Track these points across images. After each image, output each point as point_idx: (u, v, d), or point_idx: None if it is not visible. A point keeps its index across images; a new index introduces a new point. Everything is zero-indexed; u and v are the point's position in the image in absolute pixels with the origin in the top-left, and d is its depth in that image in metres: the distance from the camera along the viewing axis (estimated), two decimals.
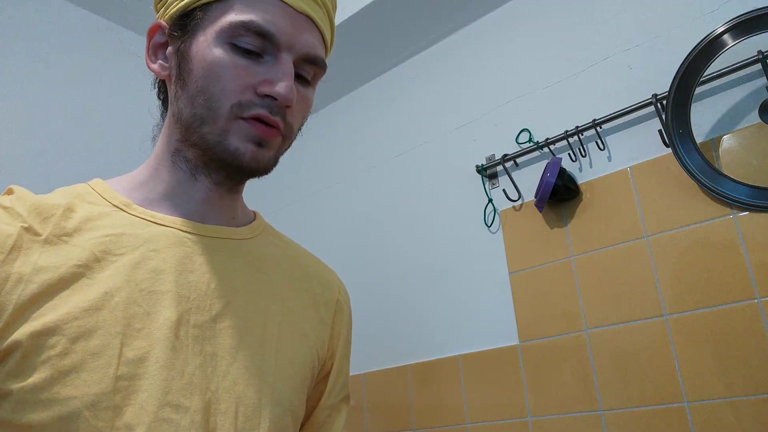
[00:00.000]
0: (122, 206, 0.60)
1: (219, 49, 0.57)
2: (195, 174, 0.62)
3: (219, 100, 0.57)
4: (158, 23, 0.63)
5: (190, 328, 0.55)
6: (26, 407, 0.48)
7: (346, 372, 0.73)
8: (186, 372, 0.53)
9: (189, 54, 0.59)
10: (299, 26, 0.60)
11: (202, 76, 0.58)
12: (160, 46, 0.63)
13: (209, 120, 0.58)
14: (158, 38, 0.63)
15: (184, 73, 0.60)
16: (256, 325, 0.60)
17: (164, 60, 0.63)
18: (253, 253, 0.65)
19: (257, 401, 0.57)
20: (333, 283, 0.74)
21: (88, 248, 0.54)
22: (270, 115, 0.58)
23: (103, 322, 0.51)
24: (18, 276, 0.50)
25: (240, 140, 0.58)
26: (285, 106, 0.59)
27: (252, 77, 0.58)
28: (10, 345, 0.49)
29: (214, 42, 0.58)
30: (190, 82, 0.59)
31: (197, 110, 0.58)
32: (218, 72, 0.57)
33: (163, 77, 0.64)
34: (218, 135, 0.58)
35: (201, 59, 0.58)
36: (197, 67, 0.58)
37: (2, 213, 0.54)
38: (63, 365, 0.48)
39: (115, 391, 0.49)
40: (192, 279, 0.58)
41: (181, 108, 0.60)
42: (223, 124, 0.58)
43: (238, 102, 0.57)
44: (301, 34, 0.60)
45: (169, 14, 0.61)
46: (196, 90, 0.58)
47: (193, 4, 0.59)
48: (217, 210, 0.64)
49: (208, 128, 0.58)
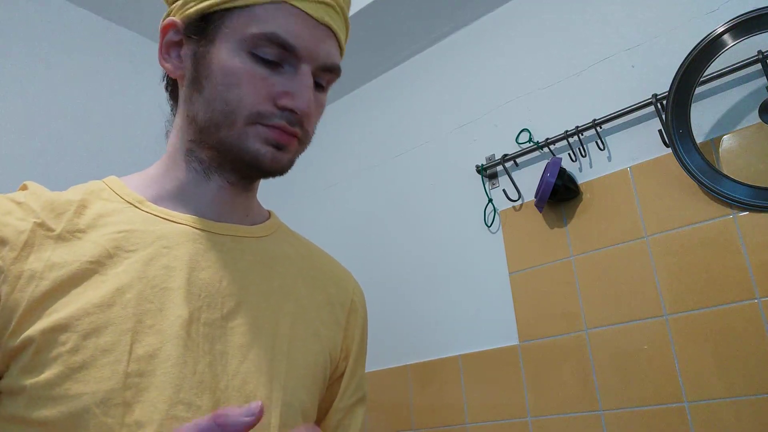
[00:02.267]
0: (135, 203, 0.60)
1: (239, 58, 0.57)
2: (208, 173, 0.62)
3: (237, 108, 0.57)
4: (172, 21, 0.61)
5: (201, 326, 0.55)
6: (38, 403, 0.48)
7: (360, 373, 0.72)
8: (197, 370, 0.53)
9: (207, 60, 0.59)
10: (320, 37, 0.60)
11: (221, 83, 0.58)
12: (174, 44, 0.62)
13: (226, 125, 0.58)
14: (172, 36, 0.62)
15: (201, 78, 0.59)
16: (268, 324, 0.60)
17: (177, 59, 0.62)
18: (266, 252, 0.65)
19: (267, 401, 0.56)
20: (348, 284, 0.74)
21: (101, 244, 0.54)
22: (288, 126, 0.58)
23: (114, 318, 0.51)
24: (31, 273, 0.51)
25: (259, 143, 0.58)
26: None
27: (271, 87, 0.58)
28: (23, 341, 0.49)
29: (235, 51, 0.57)
30: (207, 87, 0.59)
31: (214, 115, 0.58)
32: (238, 81, 0.57)
33: (176, 77, 0.63)
34: (236, 138, 0.58)
35: (221, 67, 0.58)
36: (216, 74, 0.58)
37: (16, 208, 0.54)
38: (74, 361, 0.49)
39: (125, 388, 0.49)
40: (204, 276, 0.58)
41: (197, 111, 0.60)
42: (240, 127, 0.58)
43: (257, 111, 0.57)
44: (321, 45, 0.60)
45: (186, 14, 0.60)
46: (213, 96, 0.58)
47: (212, 8, 0.58)
48: (230, 208, 0.64)
49: (225, 132, 0.58)
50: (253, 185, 0.67)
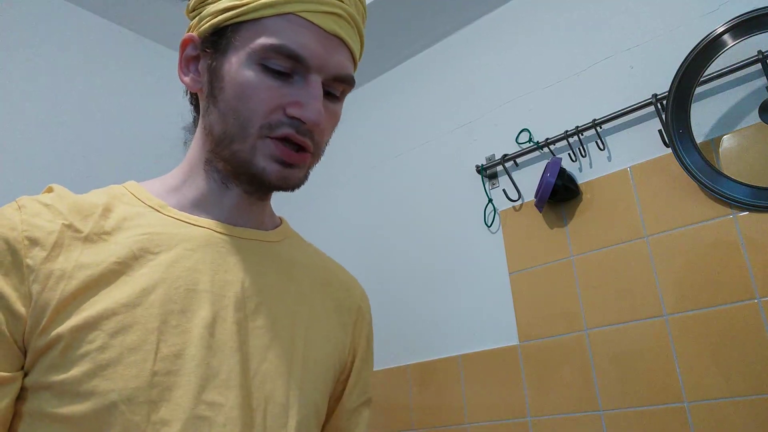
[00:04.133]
0: (158, 207, 0.61)
1: (250, 70, 0.58)
2: (227, 183, 0.64)
3: (249, 120, 0.58)
4: (191, 37, 0.63)
5: (225, 327, 0.56)
6: (66, 399, 0.49)
7: (365, 376, 0.74)
8: (222, 370, 0.54)
9: (220, 73, 0.60)
10: (330, 48, 0.60)
11: (234, 96, 0.59)
12: (192, 59, 0.64)
13: (239, 138, 0.59)
14: (190, 51, 0.64)
15: (215, 91, 0.61)
16: (285, 326, 0.62)
17: (196, 74, 0.64)
18: (282, 257, 0.67)
19: (285, 401, 0.58)
20: (355, 290, 0.76)
21: (127, 246, 0.56)
22: (297, 134, 0.59)
23: (140, 317, 0.52)
24: (61, 272, 0.52)
25: (266, 160, 0.59)
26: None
27: (281, 98, 0.58)
28: (52, 339, 0.50)
29: (245, 63, 0.58)
30: (221, 100, 0.60)
31: (228, 128, 0.59)
32: (249, 93, 0.58)
33: (196, 90, 0.65)
34: (247, 153, 0.59)
35: (232, 79, 0.59)
36: (228, 87, 0.59)
37: (44, 210, 0.55)
38: (102, 359, 0.50)
39: (151, 386, 0.51)
40: (227, 278, 0.59)
41: (213, 123, 0.61)
42: (251, 142, 0.59)
43: (267, 123, 0.58)
44: (332, 56, 0.60)
45: (202, 29, 0.62)
46: (227, 108, 0.59)
47: (224, 23, 0.60)
48: (247, 215, 0.66)
49: (237, 146, 0.59)
50: (269, 195, 0.68)
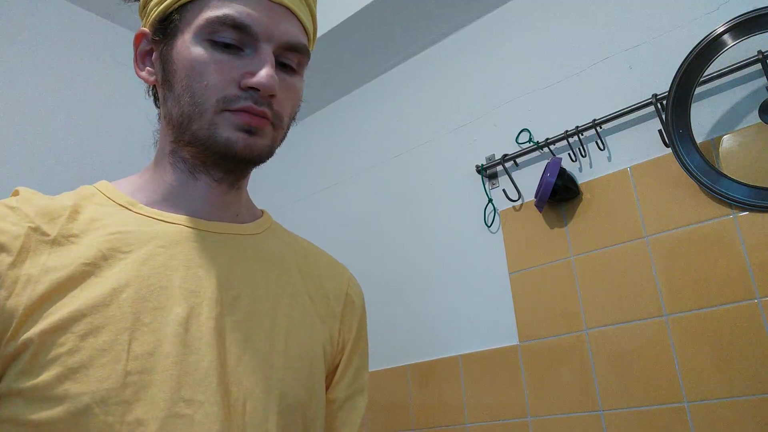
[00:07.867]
0: (128, 205, 0.60)
1: (198, 47, 0.58)
2: (194, 173, 0.63)
3: (204, 96, 0.58)
4: (142, 31, 0.64)
5: (201, 323, 0.55)
6: (37, 405, 0.48)
7: (357, 365, 0.72)
8: (199, 367, 0.53)
9: (171, 56, 0.60)
10: (277, 16, 0.60)
11: (186, 76, 0.59)
12: (146, 53, 0.65)
13: (196, 116, 0.58)
14: (144, 46, 0.65)
15: (168, 75, 0.61)
16: (265, 319, 0.61)
17: (151, 66, 0.64)
18: (260, 248, 0.66)
19: (265, 395, 0.57)
20: (342, 276, 0.74)
21: (95, 246, 0.55)
22: (255, 106, 0.58)
23: (111, 318, 0.51)
24: (27, 277, 0.51)
25: (229, 130, 0.58)
26: (269, 95, 0.59)
27: (234, 71, 0.58)
28: (21, 345, 0.49)
29: (193, 41, 0.59)
30: (175, 83, 0.60)
31: (184, 109, 0.59)
32: (200, 69, 0.58)
33: (152, 83, 0.65)
34: (207, 129, 0.58)
35: (182, 59, 0.59)
36: (180, 68, 0.59)
37: (9, 213, 0.54)
38: (72, 362, 0.49)
39: (124, 386, 0.50)
40: (200, 274, 0.58)
41: (170, 109, 0.61)
42: (210, 117, 0.58)
43: (223, 96, 0.58)
44: (280, 24, 0.60)
45: (150, 21, 0.62)
46: (181, 89, 0.59)
47: (170, 8, 0.60)
48: (220, 207, 0.65)
49: (196, 125, 0.59)
50: (241, 182, 0.67)
